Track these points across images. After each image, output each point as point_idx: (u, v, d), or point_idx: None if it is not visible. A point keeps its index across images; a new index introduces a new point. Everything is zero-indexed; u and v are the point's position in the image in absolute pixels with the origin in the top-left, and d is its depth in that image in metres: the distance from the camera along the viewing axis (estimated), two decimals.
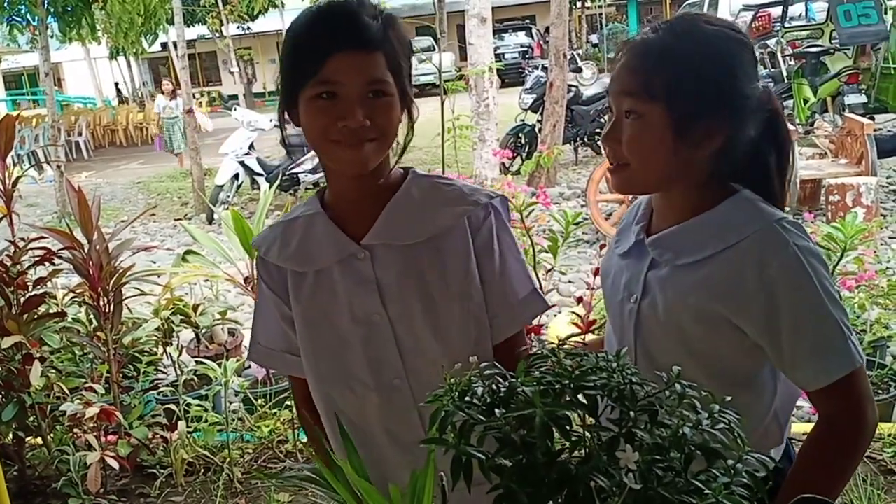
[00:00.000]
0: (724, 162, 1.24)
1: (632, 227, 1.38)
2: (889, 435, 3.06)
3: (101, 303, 3.21)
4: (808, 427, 3.19)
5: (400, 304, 1.32)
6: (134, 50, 21.27)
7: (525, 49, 22.83)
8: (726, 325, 1.22)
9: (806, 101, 10.32)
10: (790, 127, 5.64)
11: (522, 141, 10.23)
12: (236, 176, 9.83)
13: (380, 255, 1.32)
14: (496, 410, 0.76)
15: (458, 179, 1.44)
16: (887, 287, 3.60)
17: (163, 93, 14.99)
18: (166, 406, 3.46)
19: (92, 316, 3.36)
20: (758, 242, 1.19)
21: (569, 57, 9.98)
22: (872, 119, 8.07)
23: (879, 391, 3.36)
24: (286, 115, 1.30)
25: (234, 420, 3.50)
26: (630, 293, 1.32)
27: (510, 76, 17.30)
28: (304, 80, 1.21)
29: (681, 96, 1.16)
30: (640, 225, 1.35)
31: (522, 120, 10.61)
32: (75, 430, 3.04)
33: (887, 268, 3.89)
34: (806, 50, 10.92)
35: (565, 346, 0.85)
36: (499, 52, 17.12)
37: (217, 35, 23.90)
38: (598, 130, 9.99)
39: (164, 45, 22.25)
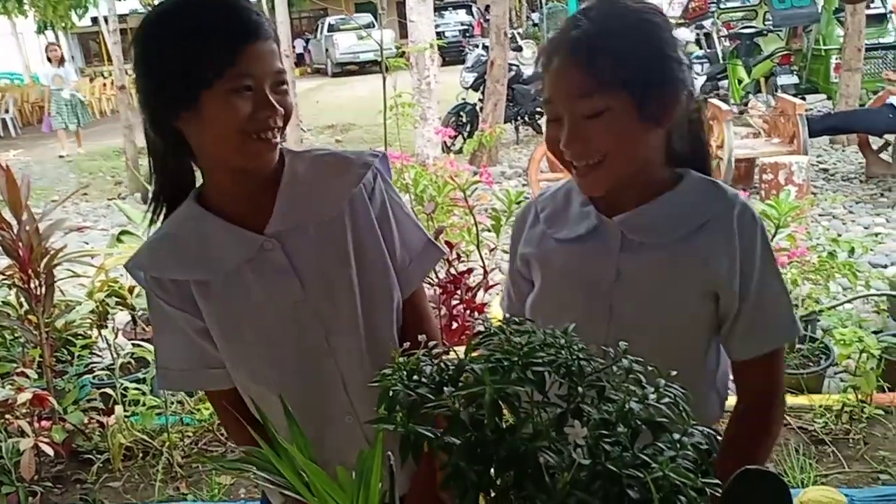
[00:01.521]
0: (677, 139, 1.26)
1: (573, 213, 1.31)
2: (820, 406, 3.16)
3: (32, 285, 3.11)
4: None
5: (320, 285, 1.29)
6: (63, 24, 20.52)
7: (466, 27, 22.76)
8: (706, 299, 1.25)
9: (740, 82, 10.54)
10: (725, 107, 5.76)
11: (464, 120, 10.21)
12: None
13: (288, 240, 1.28)
14: (445, 389, 0.76)
15: (329, 147, 1.42)
16: (818, 263, 3.70)
17: (49, 60, 13.12)
18: (102, 390, 3.38)
19: (22, 299, 3.26)
20: (730, 218, 1.23)
21: (509, 36, 9.98)
22: (804, 99, 8.28)
23: (810, 364, 3.47)
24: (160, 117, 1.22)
25: (173, 403, 3.44)
26: (597, 279, 1.27)
27: (451, 54, 17.24)
28: (214, 74, 1.14)
29: (636, 78, 1.15)
30: (589, 208, 1.29)
31: (464, 99, 10.59)
32: (7, 416, 2.94)
33: (818, 244, 4.00)
34: (740, 31, 11.13)
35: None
36: (439, 29, 17.00)
37: (150, 10, 23.22)
38: (538, 110, 10.03)
39: (95, 20, 21.53)
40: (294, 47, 21.23)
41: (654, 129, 1.20)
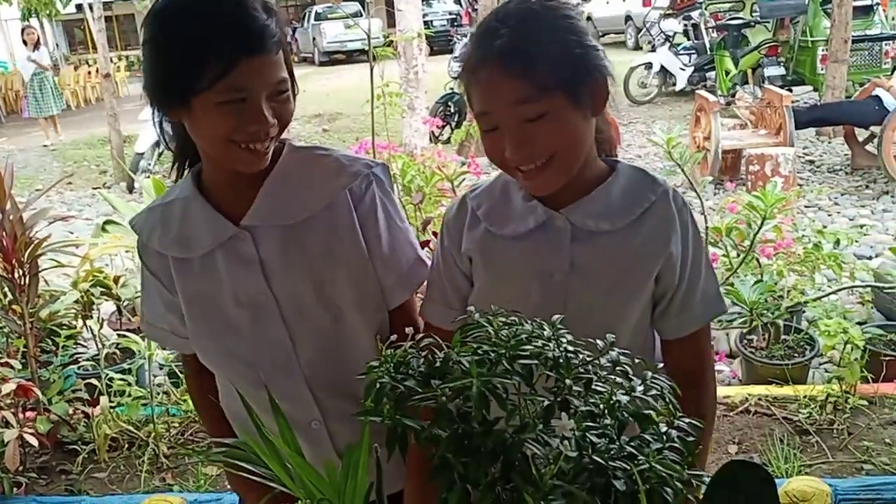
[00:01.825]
0: (601, 125, 1.29)
1: (517, 208, 1.29)
2: (805, 396, 3.18)
3: (16, 275, 3.09)
4: (730, 389, 3.29)
5: (286, 283, 1.30)
6: (47, 11, 20.34)
7: (454, 16, 22.67)
8: (652, 281, 1.28)
9: (727, 73, 10.57)
10: (712, 98, 5.77)
11: (452, 110, 10.18)
12: (157, 143, 9.53)
13: (261, 234, 1.30)
14: (432, 381, 0.76)
15: (335, 149, 1.41)
16: (803, 254, 3.73)
17: (25, 43, 12.68)
18: (87, 381, 3.36)
19: (7, 288, 3.23)
20: (667, 201, 1.27)
21: None
22: (790, 91, 8.31)
23: (795, 354, 3.49)
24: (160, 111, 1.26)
25: (158, 394, 3.42)
26: (551, 272, 1.26)
27: (439, 44, 17.18)
28: (205, 84, 1.14)
29: (569, 76, 1.15)
30: (534, 203, 1.27)
31: (452, 88, 10.54)
32: None
33: (803, 236, 4.01)
34: (728, 22, 11.16)
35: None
36: (427, 18, 16.93)
37: None
38: None
39: (80, 7, 21.33)
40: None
41: (589, 120, 1.21)
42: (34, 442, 2.83)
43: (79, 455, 3.17)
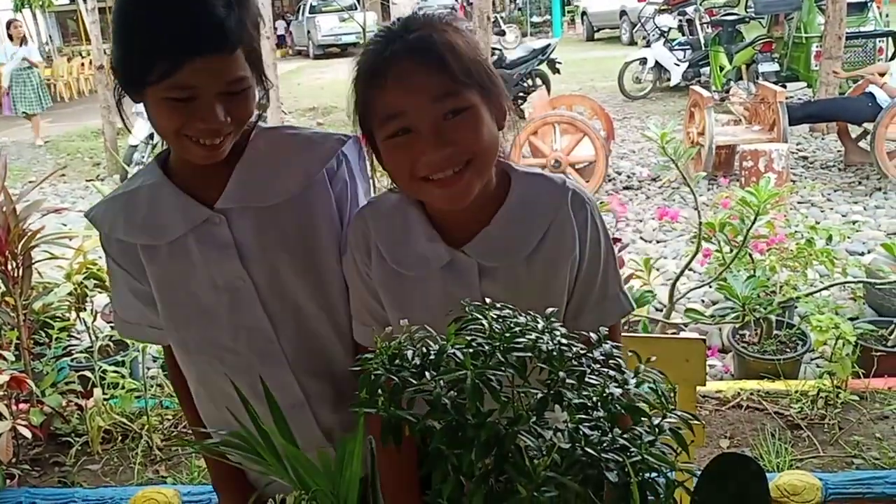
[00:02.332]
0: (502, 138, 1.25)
1: (420, 248, 1.23)
2: (796, 391, 3.20)
3: (10, 267, 3.08)
4: (722, 384, 3.29)
5: (264, 266, 1.29)
6: (40, 2, 20.25)
7: (449, 10, 22.68)
8: (565, 293, 1.26)
9: (722, 69, 10.58)
10: (706, 94, 5.73)
11: None
12: (151, 136, 9.49)
13: (236, 217, 1.27)
14: (426, 373, 0.76)
15: (304, 127, 1.38)
16: (796, 250, 3.74)
17: (11, 38, 11.91)
18: (81, 373, 3.35)
19: (0, 280, 3.23)
20: (566, 209, 1.24)
21: (492, 20, 9.94)
22: (784, 87, 8.33)
23: (787, 350, 3.51)
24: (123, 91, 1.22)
25: (152, 386, 3.43)
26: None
27: None
28: (154, 79, 1.11)
29: (482, 78, 1.14)
30: (437, 244, 1.22)
31: None
32: None
33: (796, 231, 4.03)
34: (722, 18, 11.18)
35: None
36: (422, 12, 16.92)
37: None
38: (521, 94, 10.02)
39: None
40: (276, 29, 21.09)
41: (496, 131, 1.19)
42: (27, 434, 2.83)
43: (72, 447, 3.17)
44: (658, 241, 5.85)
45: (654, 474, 0.73)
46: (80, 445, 3.18)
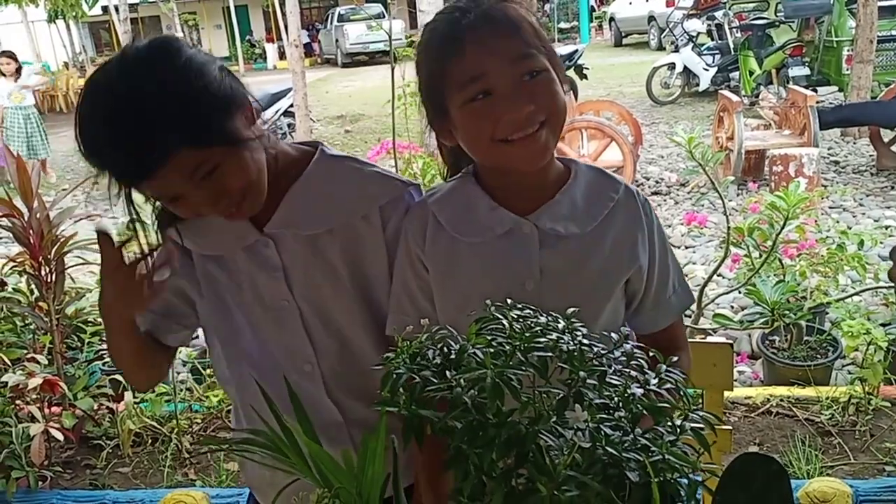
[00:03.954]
0: None
1: (483, 215, 1.25)
2: (827, 398, 3.16)
3: (43, 272, 3.13)
4: (752, 390, 3.26)
5: (307, 290, 1.31)
6: (74, 13, 20.62)
7: None
8: (623, 281, 1.28)
9: (752, 73, 10.50)
10: (736, 98, 5.67)
11: None
12: None
13: (284, 242, 1.30)
14: (447, 372, 0.77)
15: (371, 163, 1.38)
16: (827, 255, 3.69)
17: (3, 74, 10.01)
18: (112, 377, 3.40)
19: (33, 286, 3.28)
20: (632, 199, 1.28)
21: None
22: (815, 91, 8.24)
23: (818, 356, 3.46)
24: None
25: (182, 390, 3.46)
26: (522, 279, 1.22)
27: None
28: (127, 189, 1.19)
29: (547, 45, 1.19)
30: (500, 210, 1.25)
31: None
32: (18, 402, 2.98)
33: (827, 237, 3.98)
34: (752, 22, 11.08)
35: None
36: None
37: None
38: None
39: (105, 9, 21.58)
40: (303, 38, 21.30)
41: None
42: (59, 437, 2.87)
43: (103, 450, 3.22)
44: (687, 247, 5.81)
45: (675, 475, 0.73)
46: (110, 448, 3.23)
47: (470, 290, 1.23)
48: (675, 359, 0.84)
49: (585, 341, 0.81)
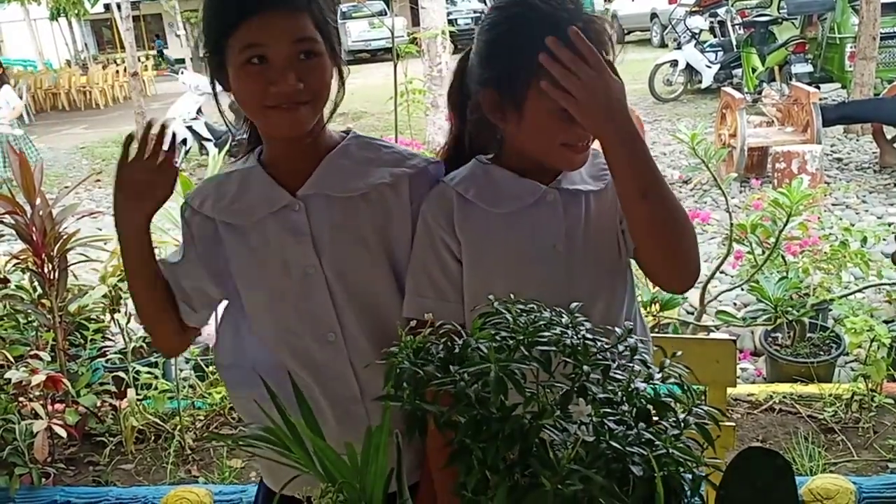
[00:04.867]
0: None
1: (509, 186, 1.31)
2: (830, 395, 3.16)
3: (46, 269, 3.14)
4: (755, 387, 3.26)
5: (334, 257, 1.32)
6: (76, 11, 20.63)
7: (478, 14, 22.60)
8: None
9: (754, 70, 10.47)
10: (738, 95, 5.68)
11: None
12: (184, 141, 9.62)
13: (315, 207, 1.32)
14: (451, 367, 0.77)
15: (398, 145, 1.44)
16: (830, 252, 3.69)
17: None
18: (115, 374, 3.40)
19: (36, 283, 3.29)
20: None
21: None
22: (818, 88, 8.21)
23: (821, 353, 3.46)
24: (216, 81, 1.30)
25: (184, 387, 3.47)
26: (552, 243, 1.29)
27: (463, 41, 17.15)
28: (226, 30, 1.20)
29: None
30: (526, 180, 1.30)
31: None
32: (21, 399, 2.98)
33: (830, 233, 3.98)
34: (755, 19, 11.04)
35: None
36: (451, 17, 16.94)
37: None
38: None
39: (108, 7, 21.59)
40: None
41: None
42: (62, 433, 2.87)
43: (106, 447, 3.22)
44: None
45: (679, 469, 0.73)
46: (113, 445, 3.23)
47: (507, 256, 1.30)
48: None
49: (589, 336, 0.81)
